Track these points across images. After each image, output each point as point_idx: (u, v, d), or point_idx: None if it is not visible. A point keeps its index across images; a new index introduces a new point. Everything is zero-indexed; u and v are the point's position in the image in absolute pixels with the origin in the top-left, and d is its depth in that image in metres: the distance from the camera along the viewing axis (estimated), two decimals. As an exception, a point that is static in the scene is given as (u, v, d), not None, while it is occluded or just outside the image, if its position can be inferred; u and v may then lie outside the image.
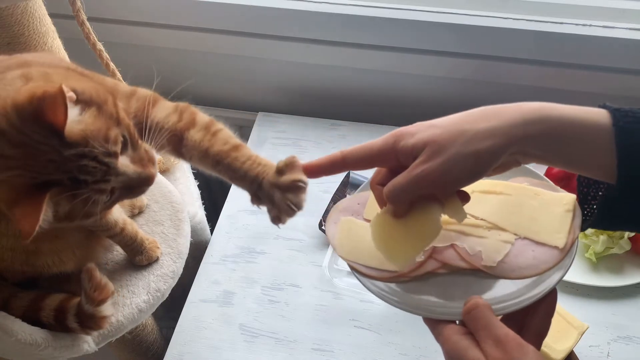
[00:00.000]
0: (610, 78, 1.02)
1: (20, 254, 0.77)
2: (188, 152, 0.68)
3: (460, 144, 0.51)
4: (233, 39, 1.13)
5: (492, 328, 0.50)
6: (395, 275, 0.58)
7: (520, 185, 0.61)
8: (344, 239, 0.61)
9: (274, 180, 0.61)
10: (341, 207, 0.64)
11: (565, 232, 0.57)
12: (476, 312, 0.51)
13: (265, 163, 0.64)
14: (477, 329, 0.51)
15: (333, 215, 0.64)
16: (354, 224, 0.62)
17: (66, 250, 0.80)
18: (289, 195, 0.60)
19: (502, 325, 0.50)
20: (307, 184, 0.59)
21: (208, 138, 0.68)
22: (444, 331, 0.52)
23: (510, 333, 0.49)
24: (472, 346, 0.50)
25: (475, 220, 0.60)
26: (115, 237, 0.83)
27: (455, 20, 1.02)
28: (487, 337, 0.49)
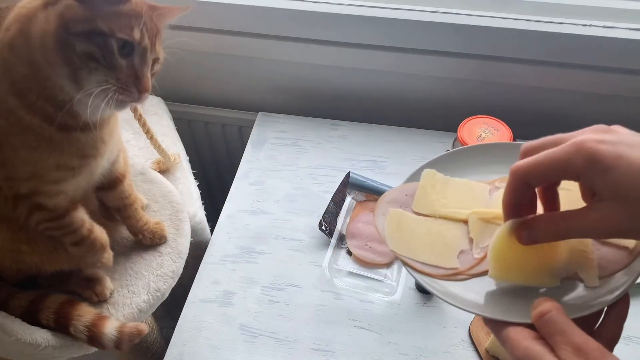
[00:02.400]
0: (610, 78, 1.02)
1: (8, 252, 0.77)
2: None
3: None
4: (233, 39, 1.13)
5: (570, 335, 0.45)
6: (452, 272, 0.55)
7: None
8: (394, 232, 0.58)
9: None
10: (388, 198, 0.61)
11: None
12: (551, 315, 0.46)
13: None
14: (552, 334, 0.46)
15: (381, 207, 0.60)
16: (404, 217, 0.59)
17: (55, 251, 0.80)
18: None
19: (582, 332, 0.46)
20: None
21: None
22: (511, 335, 0.48)
23: (590, 341, 0.45)
24: (546, 353, 0.45)
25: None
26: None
27: (455, 20, 1.02)
28: (565, 344, 0.45)
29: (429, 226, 0.58)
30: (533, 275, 0.53)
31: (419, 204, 0.60)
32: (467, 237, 0.57)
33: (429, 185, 0.60)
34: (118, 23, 0.61)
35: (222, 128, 1.31)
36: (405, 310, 0.91)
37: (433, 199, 0.59)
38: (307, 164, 1.12)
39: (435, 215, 0.59)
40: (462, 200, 0.59)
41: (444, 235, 0.58)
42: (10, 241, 0.76)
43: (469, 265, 0.55)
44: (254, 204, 1.07)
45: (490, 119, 0.96)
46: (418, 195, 0.60)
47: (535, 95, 1.11)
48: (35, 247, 0.78)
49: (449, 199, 0.59)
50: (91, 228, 0.79)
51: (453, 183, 0.60)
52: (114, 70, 0.62)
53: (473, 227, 0.57)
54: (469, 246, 0.57)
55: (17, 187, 0.70)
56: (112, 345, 0.79)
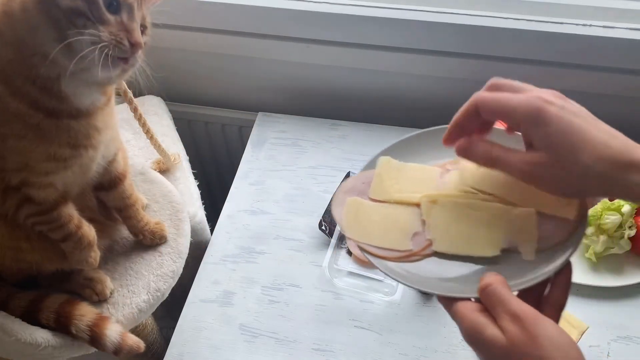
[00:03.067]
0: (610, 78, 1.02)
1: (8, 250, 0.77)
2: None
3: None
4: (233, 39, 1.13)
5: (508, 304, 0.49)
6: (407, 254, 0.57)
7: None
8: (351, 220, 0.60)
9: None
10: (346, 188, 0.63)
11: (575, 204, 0.56)
12: (491, 288, 0.50)
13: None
14: (493, 306, 0.50)
15: (339, 197, 0.62)
16: (361, 205, 0.61)
17: (54, 248, 0.80)
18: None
19: (518, 300, 0.49)
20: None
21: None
22: (459, 309, 0.51)
23: (527, 308, 0.48)
24: (489, 323, 0.49)
25: (485, 196, 0.59)
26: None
27: (455, 20, 1.02)
28: (504, 313, 0.49)
29: (384, 212, 0.61)
30: (474, 245, 0.57)
31: (375, 191, 0.62)
32: (420, 220, 0.60)
33: (384, 172, 0.62)
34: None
35: (222, 128, 1.30)
36: (405, 310, 0.91)
37: (388, 185, 0.62)
38: (307, 164, 1.12)
39: (389, 201, 0.61)
40: (416, 184, 0.62)
41: (398, 219, 0.60)
42: (10, 238, 0.76)
43: (421, 246, 0.58)
44: (254, 204, 1.07)
45: (490, 119, 0.96)
46: (374, 182, 0.62)
47: (535, 95, 1.11)
48: (34, 244, 0.78)
49: (403, 184, 0.62)
50: (79, 224, 0.78)
51: (407, 168, 0.63)
52: (103, 24, 0.60)
53: (425, 209, 0.60)
54: (422, 228, 0.59)
55: (8, 179, 0.69)
56: (112, 349, 0.79)
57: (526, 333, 0.47)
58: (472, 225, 0.58)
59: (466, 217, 0.58)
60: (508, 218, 0.57)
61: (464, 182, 0.60)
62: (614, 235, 0.90)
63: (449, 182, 0.61)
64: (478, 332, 0.49)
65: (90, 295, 0.84)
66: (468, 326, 0.50)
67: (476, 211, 0.58)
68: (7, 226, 0.75)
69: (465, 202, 0.59)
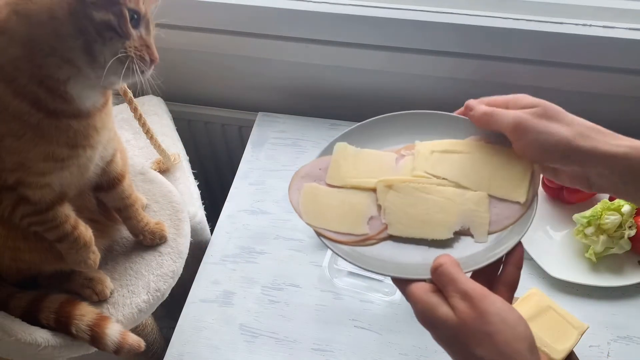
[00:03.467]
0: (610, 78, 1.02)
1: (7, 250, 0.77)
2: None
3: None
4: (233, 39, 1.13)
5: (457, 283, 0.51)
6: (363, 238, 0.59)
7: (479, 144, 0.62)
8: (309, 205, 0.61)
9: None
10: (302, 173, 0.64)
11: (525, 188, 0.58)
12: (443, 268, 0.52)
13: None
14: (444, 285, 0.52)
15: (295, 182, 0.63)
16: (318, 190, 0.62)
17: (48, 250, 0.80)
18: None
19: (467, 279, 0.51)
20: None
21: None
22: (413, 291, 0.53)
23: (476, 286, 0.50)
24: (441, 302, 0.51)
25: (438, 180, 0.61)
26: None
27: (455, 20, 1.02)
28: (454, 292, 0.50)
29: (341, 197, 0.62)
30: (428, 228, 0.58)
31: (332, 177, 0.63)
32: (376, 204, 0.61)
33: (341, 158, 0.63)
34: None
35: (222, 128, 1.30)
36: (405, 310, 0.91)
37: (345, 171, 0.63)
38: (307, 164, 1.12)
39: (346, 186, 0.62)
40: (372, 170, 0.63)
41: (354, 204, 0.61)
42: (7, 238, 0.76)
43: (377, 230, 0.59)
44: (254, 204, 1.07)
45: (490, 119, 0.96)
46: (331, 168, 0.63)
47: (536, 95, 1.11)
48: (32, 245, 0.78)
49: (360, 170, 0.63)
50: (75, 225, 0.77)
51: (363, 154, 0.64)
52: (128, 39, 0.63)
53: (380, 194, 0.61)
54: (378, 212, 0.60)
55: (4, 179, 0.69)
56: (112, 348, 0.79)
57: (475, 310, 0.49)
58: (426, 209, 0.59)
59: (420, 201, 0.60)
60: (461, 201, 0.59)
61: (418, 167, 0.62)
62: (614, 235, 0.90)
63: (403, 167, 0.62)
64: (430, 312, 0.51)
65: (90, 295, 0.84)
66: (421, 307, 0.52)
67: (430, 195, 0.60)
68: (4, 226, 0.75)
69: (419, 187, 0.60)
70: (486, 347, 0.48)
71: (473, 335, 0.49)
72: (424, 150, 0.62)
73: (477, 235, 0.58)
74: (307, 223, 0.60)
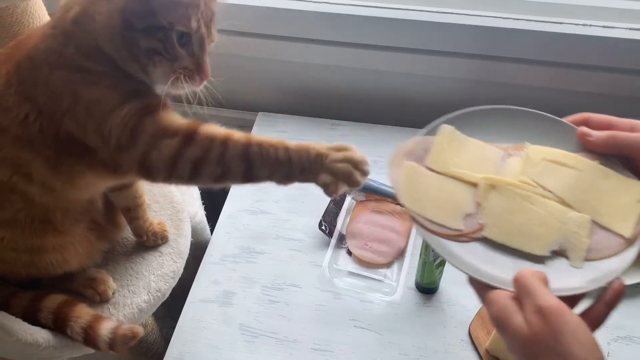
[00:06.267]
0: (610, 78, 1.03)
1: (23, 254, 0.77)
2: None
3: None
4: (233, 39, 1.13)
5: (536, 296, 0.49)
6: (456, 234, 0.56)
7: (591, 163, 0.58)
8: (407, 186, 0.58)
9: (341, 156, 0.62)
10: (405, 150, 0.61)
11: (633, 222, 0.55)
12: (525, 279, 0.50)
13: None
14: (522, 296, 0.50)
15: (397, 158, 0.60)
16: (418, 172, 0.59)
17: (69, 248, 0.80)
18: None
19: (547, 292, 0.49)
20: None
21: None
22: (492, 295, 0.51)
23: (553, 301, 0.48)
24: (517, 311, 0.49)
25: (544, 192, 0.58)
26: (132, 211, 0.85)
27: (455, 20, 1.02)
28: (530, 305, 0.49)
29: (440, 184, 0.59)
30: (525, 240, 0.56)
31: (434, 161, 0.60)
32: (475, 201, 0.58)
33: (445, 142, 0.61)
34: (176, 14, 0.62)
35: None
36: (405, 310, 0.91)
37: (447, 157, 0.60)
38: (307, 164, 1.12)
39: (447, 174, 0.60)
40: (475, 162, 0.60)
41: (453, 196, 0.58)
42: (32, 237, 0.75)
43: (472, 228, 0.57)
44: (254, 204, 1.07)
45: (490, 119, 0.96)
46: (434, 150, 0.60)
47: (535, 95, 1.11)
48: (61, 240, 0.78)
49: (463, 159, 0.60)
50: (228, 135, 0.68)
51: (469, 143, 0.61)
52: (176, 60, 0.64)
53: (482, 192, 0.58)
54: (475, 210, 0.58)
55: (119, 121, 0.64)
56: (106, 347, 0.78)
57: (549, 327, 0.47)
58: (526, 219, 0.57)
59: (522, 209, 0.57)
60: (563, 220, 0.56)
61: (526, 172, 0.59)
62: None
63: (509, 168, 0.59)
64: (505, 319, 0.50)
65: (92, 295, 0.84)
66: (497, 310, 0.50)
67: (533, 205, 0.57)
68: (35, 222, 0.74)
69: (524, 194, 0.58)
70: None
71: (544, 353, 0.47)
72: (534, 156, 0.59)
73: (573, 259, 0.55)
74: (403, 204, 0.57)
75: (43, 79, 0.65)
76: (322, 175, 0.63)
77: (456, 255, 0.55)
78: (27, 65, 0.66)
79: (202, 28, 0.65)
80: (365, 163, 0.62)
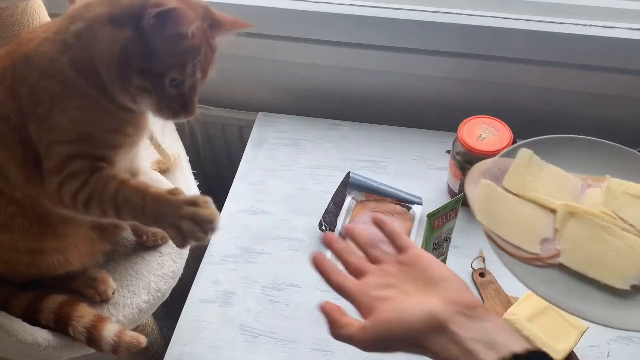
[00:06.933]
0: (610, 78, 1.02)
1: (24, 256, 0.77)
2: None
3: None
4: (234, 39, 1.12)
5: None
6: (532, 257, 0.56)
7: None
8: (484, 204, 0.58)
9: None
10: (482, 168, 0.61)
11: None
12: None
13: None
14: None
15: (474, 176, 0.61)
16: (495, 191, 0.59)
17: (71, 249, 0.80)
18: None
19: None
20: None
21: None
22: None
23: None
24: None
25: (624, 225, 0.57)
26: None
27: (455, 20, 1.02)
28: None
29: (517, 206, 0.59)
30: (604, 271, 0.54)
31: (511, 181, 0.60)
32: (552, 227, 0.58)
33: (523, 165, 0.61)
34: (173, 61, 0.63)
35: (222, 128, 1.30)
36: (406, 310, 0.91)
37: (525, 180, 0.60)
38: (307, 164, 1.12)
39: (524, 197, 0.59)
40: (554, 188, 0.60)
41: (530, 219, 0.58)
42: (33, 240, 0.76)
43: (549, 254, 0.56)
44: (254, 204, 1.07)
45: (490, 119, 0.96)
46: (511, 172, 0.60)
47: (535, 95, 1.11)
48: (58, 244, 0.78)
49: (541, 184, 0.60)
50: (123, 180, 0.69)
51: (547, 169, 0.61)
52: (164, 99, 0.66)
53: (561, 218, 0.58)
54: (552, 236, 0.57)
55: (57, 154, 0.68)
56: (109, 349, 0.79)
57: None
58: (605, 250, 0.56)
59: (601, 240, 0.56)
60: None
61: (607, 204, 0.58)
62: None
63: (589, 198, 0.59)
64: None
65: (92, 295, 0.84)
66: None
67: (612, 237, 0.56)
68: (34, 225, 0.75)
69: (603, 225, 0.57)
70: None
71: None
72: (615, 188, 0.59)
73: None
74: (480, 222, 0.58)
75: (31, 82, 0.66)
76: (169, 229, 0.65)
77: (531, 279, 0.55)
78: (21, 64, 0.67)
79: (197, 73, 0.67)
80: (209, 222, 0.64)
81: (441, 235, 0.83)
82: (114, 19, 0.62)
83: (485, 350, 0.44)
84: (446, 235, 0.84)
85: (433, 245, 0.83)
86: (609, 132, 1.11)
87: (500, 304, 0.87)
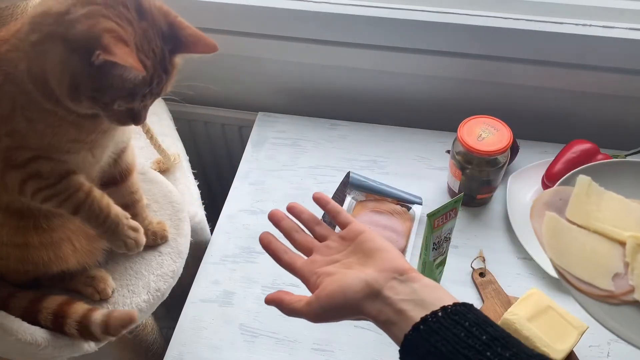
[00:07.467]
0: (610, 78, 1.02)
1: (13, 250, 0.77)
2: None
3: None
4: (233, 39, 1.13)
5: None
6: (606, 294, 0.55)
7: None
8: (551, 239, 0.57)
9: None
10: (544, 200, 0.60)
11: None
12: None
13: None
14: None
15: (537, 208, 0.59)
16: (559, 224, 0.58)
17: (62, 245, 0.79)
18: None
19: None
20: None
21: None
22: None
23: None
24: None
25: None
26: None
27: (455, 20, 1.02)
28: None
29: (583, 239, 0.57)
30: None
31: (574, 212, 0.59)
32: (623, 260, 0.56)
33: (583, 194, 0.59)
34: (122, 93, 0.63)
35: (222, 128, 1.31)
36: (405, 310, 0.91)
37: (588, 210, 0.58)
38: (307, 164, 1.12)
39: (589, 228, 0.58)
40: (619, 218, 0.58)
41: (599, 253, 0.57)
42: (16, 234, 0.76)
43: (623, 290, 0.55)
44: (254, 204, 1.07)
45: (490, 119, 0.96)
46: (573, 202, 0.59)
47: (535, 95, 1.11)
48: (43, 239, 0.77)
49: (604, 213, 0.58)
50: (89, 191, 0.74)
51: (607, 197, 0.59)
52: (114, 115, 0.67)
53: (630, 251, 0.56)
54: (624, 270, 0.56)
55: (15, 157, 0.70)
56: (100, 331, 0.78)
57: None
58: None
59: None
60: None
61: None
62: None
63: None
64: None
65: (92, 294, 0.84)
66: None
67: None
68: (12, 219, 0.75)
69: None
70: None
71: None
72: None
73: None
74: (552, 260, 0.56)
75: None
76: (115, 242, 0.78)
77: (607, 317, 0.53)
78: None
79: (147, 100, 0.67)
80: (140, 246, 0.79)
81: (441, 235, 0.83)
82: (67, 42, 0.61)
83: (415, 308, 0.50)
84: (446, 235, 0.84)
85: (433, 245, 0.83)
86: (609, 132, 1.11)
87: (500, 304, 0.87)
